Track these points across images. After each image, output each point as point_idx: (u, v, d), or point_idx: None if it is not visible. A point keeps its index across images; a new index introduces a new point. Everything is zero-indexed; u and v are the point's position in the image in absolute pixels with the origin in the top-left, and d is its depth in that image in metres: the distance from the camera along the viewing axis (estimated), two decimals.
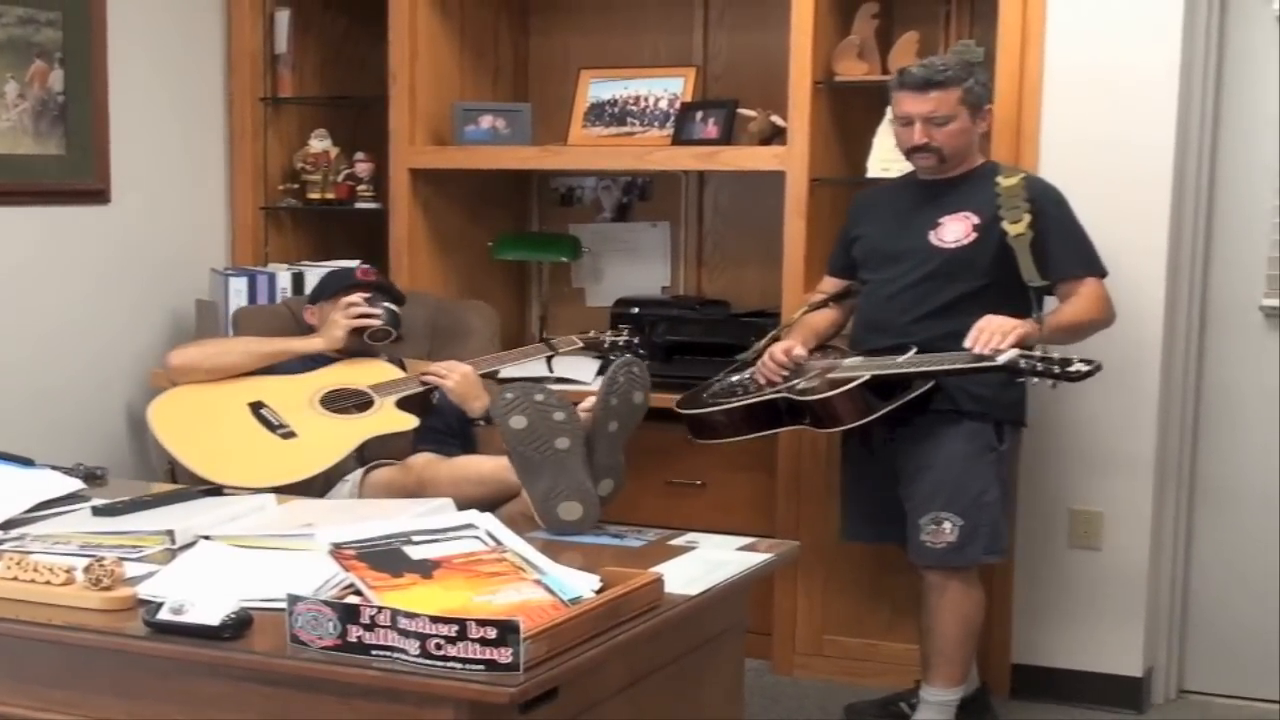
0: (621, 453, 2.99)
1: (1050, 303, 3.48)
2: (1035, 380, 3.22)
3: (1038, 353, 3.21)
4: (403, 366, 3.80)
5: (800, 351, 3.54)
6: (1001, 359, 3.20)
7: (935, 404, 3.39)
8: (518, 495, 3.04)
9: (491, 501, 3.03)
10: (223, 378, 3.66)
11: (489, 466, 3.24)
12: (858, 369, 3.40)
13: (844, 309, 3.73)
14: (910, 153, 3.51)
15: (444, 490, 3.13)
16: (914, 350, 3.39)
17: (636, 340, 4.05)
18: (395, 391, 3.63)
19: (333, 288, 3.89)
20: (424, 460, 3.39)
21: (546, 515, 2.83)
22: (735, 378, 3.67)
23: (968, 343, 3.26)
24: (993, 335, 3.23)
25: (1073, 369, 3.15)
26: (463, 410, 3.63)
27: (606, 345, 4.02)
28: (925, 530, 3.41)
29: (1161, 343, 3.81)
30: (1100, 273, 3.47)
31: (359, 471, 3.47)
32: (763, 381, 3.56)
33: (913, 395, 3.34)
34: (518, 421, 2.85)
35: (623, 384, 2.96)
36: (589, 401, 3.03)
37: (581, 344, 4.03)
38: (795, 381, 3.50)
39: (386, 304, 3.79)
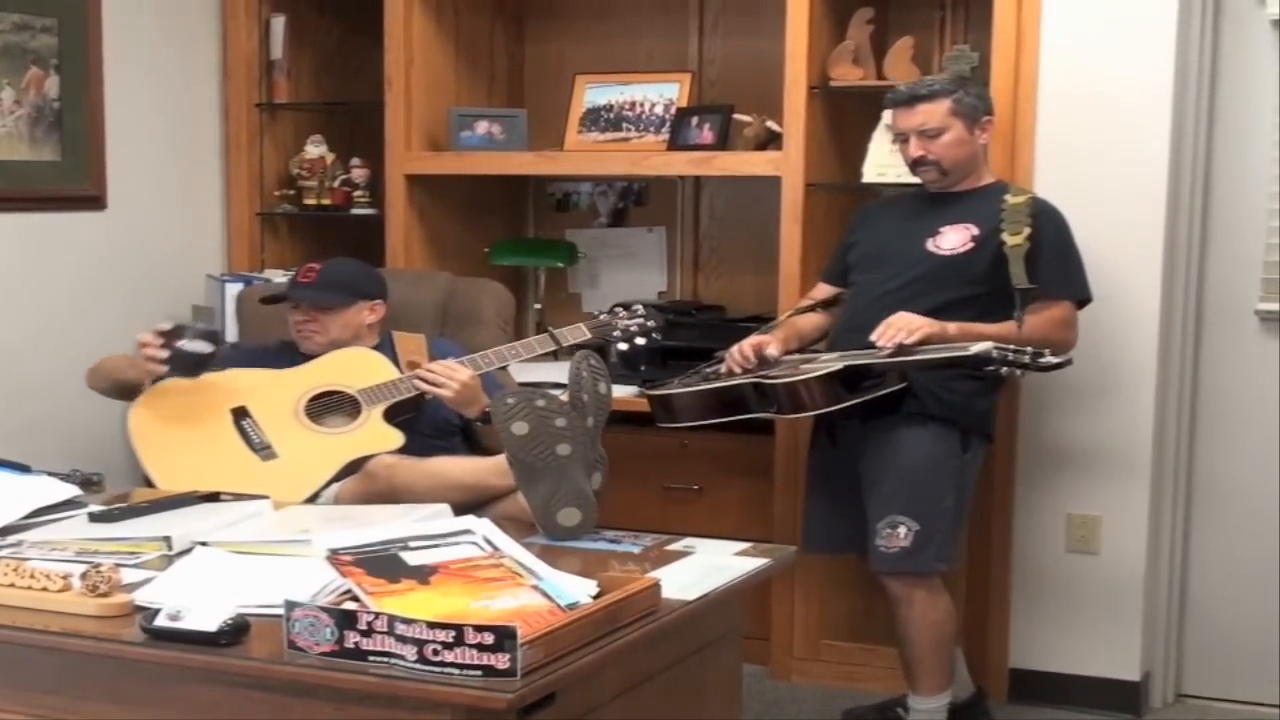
0: (601, 444, 2.99)
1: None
2: (1005, 370, 3.24)
3: (1011, 346, 3.24)
4: (393, 347, 3.63)
5: (772, 351, 3.53)
6: (974, 349, 3.22)
7: (904, 407, 3.40)
8: (502, 498, 3.04)
9: (472, 505, 2.97)
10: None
11: (470, 474, 3.19)
12: (831, 362, 3.41)
13: (831, 315, 3.74)
14: (913, 167, 3.56)
15: (420, 495, 3.08)
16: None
17: (652, 323, 3.73)
18: (386, 398, 3.47)
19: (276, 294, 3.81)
20: (386, 465, 3.27)
21: (546, 521, 2.82)
22: (709, 369, 3.68)
23: (873, 335, 3.31)
24: (898, 331, 3.29)
25: (1043, 360, 3.21)
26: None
27: (618, 332, 3.70)
28: (880, 535, 3.42)
29: (1157, 347, 3.80)
30: (1078, 298, 3.49)
31: (335, 486, 3.34)
32: (724, 370, 3.57)
33: (883, 392, 3.35)
34: (519, 428, 2.83)
35: (587, 379, 2.96)
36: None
37: (589, 334, 3.67)
38: (768, 370, 3.50)
39: (186, 345, 3.37)
